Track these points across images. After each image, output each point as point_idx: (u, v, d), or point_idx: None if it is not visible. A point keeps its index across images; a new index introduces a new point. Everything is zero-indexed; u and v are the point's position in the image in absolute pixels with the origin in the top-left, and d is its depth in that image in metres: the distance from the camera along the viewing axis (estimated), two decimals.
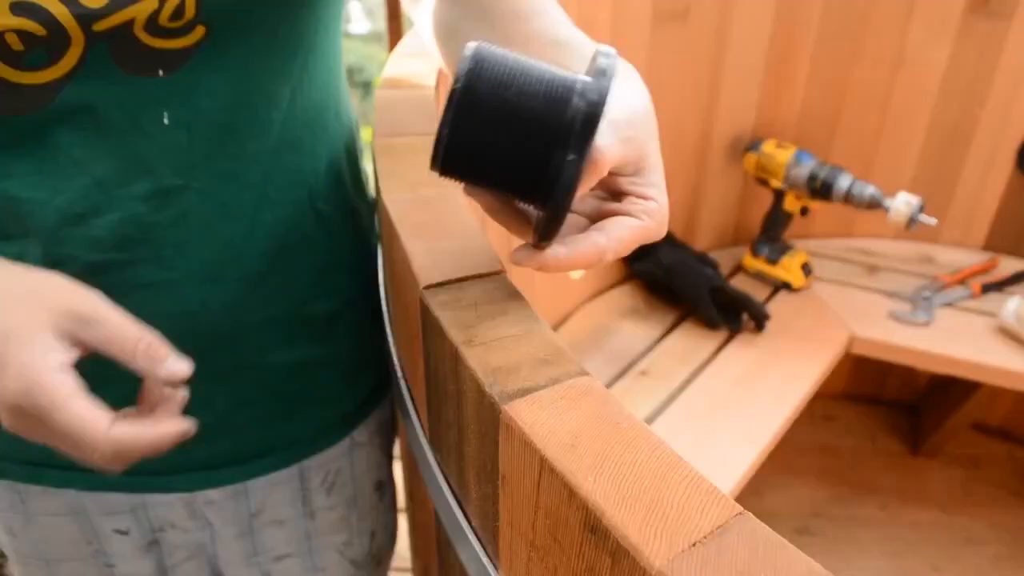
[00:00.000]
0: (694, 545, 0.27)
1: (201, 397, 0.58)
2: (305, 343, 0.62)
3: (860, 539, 1.53)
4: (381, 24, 2.10)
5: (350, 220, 0.64)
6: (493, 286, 0.44)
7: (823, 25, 1.37)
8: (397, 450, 0.87)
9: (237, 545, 0.67)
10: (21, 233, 0.50)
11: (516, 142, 0.37)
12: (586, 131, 0.36)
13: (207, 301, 0.55)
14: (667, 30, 1.28)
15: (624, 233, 0.42)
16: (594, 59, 0.39)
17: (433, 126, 0.59)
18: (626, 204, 0.43)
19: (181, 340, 0.56)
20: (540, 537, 0.34)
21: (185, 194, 0.52)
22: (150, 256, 0.52)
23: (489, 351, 0.38)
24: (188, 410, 0.59)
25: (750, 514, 0.29)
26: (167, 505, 0.64)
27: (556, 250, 0.40)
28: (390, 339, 0.64)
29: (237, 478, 0.64)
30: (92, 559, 0.66)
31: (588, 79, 0.38)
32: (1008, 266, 1.46)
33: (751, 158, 1.39)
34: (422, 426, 0.55)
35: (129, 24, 0.45)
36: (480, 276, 0.45)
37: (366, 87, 2.86)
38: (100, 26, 0.44)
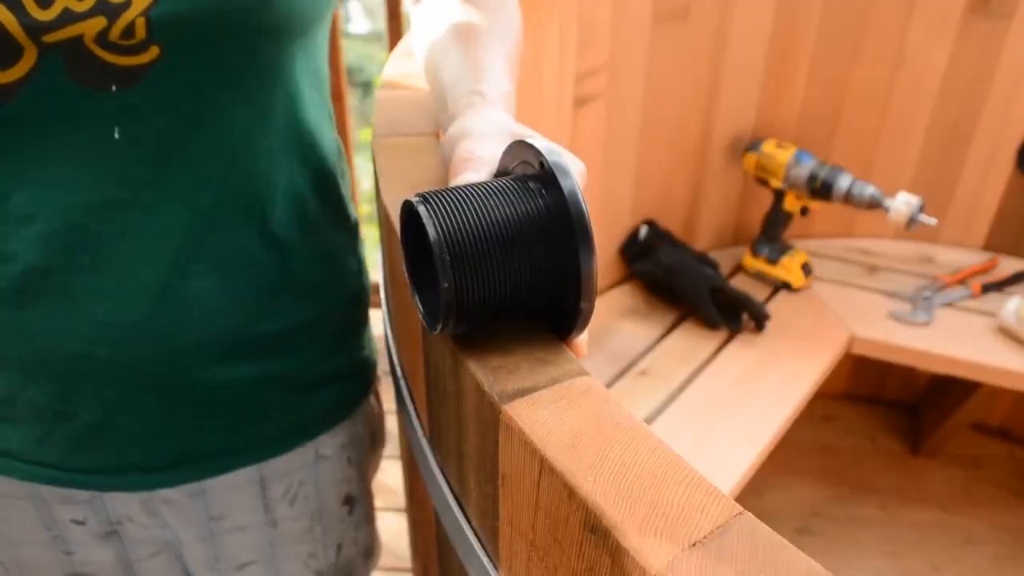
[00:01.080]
0: (694, 545, 0.27)
1: (132, 406, 0.59)
2: (247, 362, 0.61)
3: (860, 539, 1.53)
4: (381, 24, 2.10)
5: (314, 246, 0.62)
6: None
7: (823, 25, 1.37)
8: (397, 450, 0.86)
9: (200, 549, 0.67)
10: None
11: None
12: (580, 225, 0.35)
13: (147, 315, 0.55)
14: (667, 30, 1.28)
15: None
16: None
17: (433, 125, 0.59)
18: None
19: (116, 348, 0.56)
20: (540, 537, 0.34)
21: (131, 210, 0.52)
22: (92, 265, 0.53)
23: (489, 351, 0.38)
24: (118, 417, 0.59)
25: (750, 514, 0.29)
26: (123, 500, 0.64)
27: None
28: (390, 339, 0.64)
29: (190, 477, 0.64)
30: (51, 545, 0.66)
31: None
32: (1008, 266, 1.46)
33: (751, 158, 1.40)
34: (422, 426, 0.55)
35: (79, 38, 0.45)
36: None
37: (366, 87, 2.85)
38: (50, 38, 0.45)
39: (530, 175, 0.37)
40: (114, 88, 0.48)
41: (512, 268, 0.35)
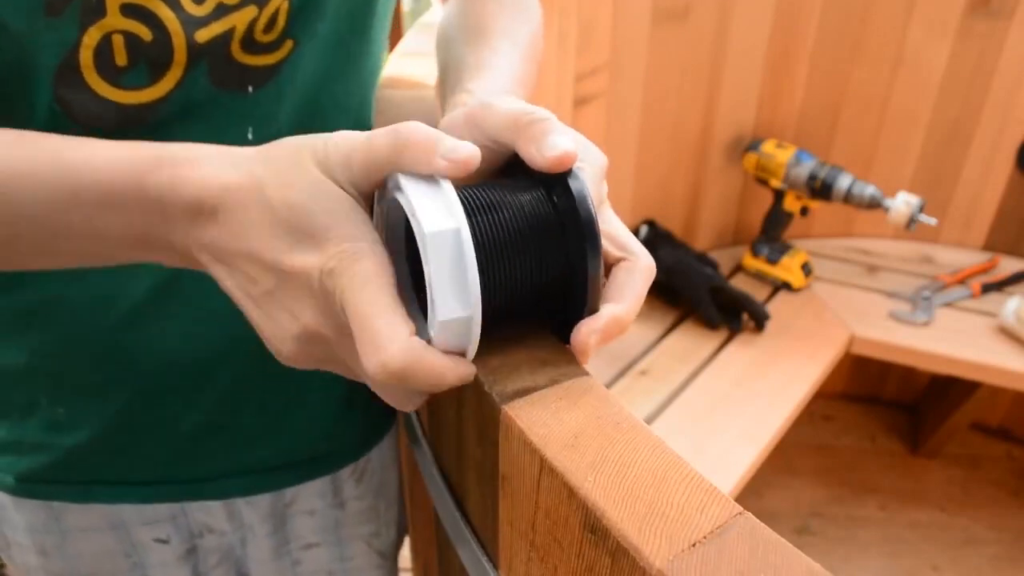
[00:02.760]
0: (694, 545, 0.27)
1: (256, 400, 0.59)
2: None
3: (860, 539, 1.53)
4: None
5: None
6: None
7: (823, 25, 1.37)
8: None
9: (268, 542, 0.68)
10: None
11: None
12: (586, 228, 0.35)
13: None
14: (667, 30, 1.28)
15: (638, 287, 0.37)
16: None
17: (433, 126, 0.59)
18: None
19: (242, 357, 0.57)
20: (540, 537, 0.34)
21: None
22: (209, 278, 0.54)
23: (489, 351, 0.38)
24: (243, 414, 0.60)
25: (750, 514, 0.29)
26: (206, 510, 0.64)
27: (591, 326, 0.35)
28: None
29: (279, 485, 0.65)
30: (129, 573, 0.66)
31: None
32: (1008, 266, 1.46)
33: (751, 158, 1.40)
34: (422, 426, 0.55)
35: (228, 35, 0.46)
36: None
37: None
38: (202, 36, 0.45)
39: (538, 177, 0.37)
40: (250, 89, 0.49)
41: (521, 271, 0.35)
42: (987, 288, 1.39)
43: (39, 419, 0.59)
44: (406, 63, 0.75)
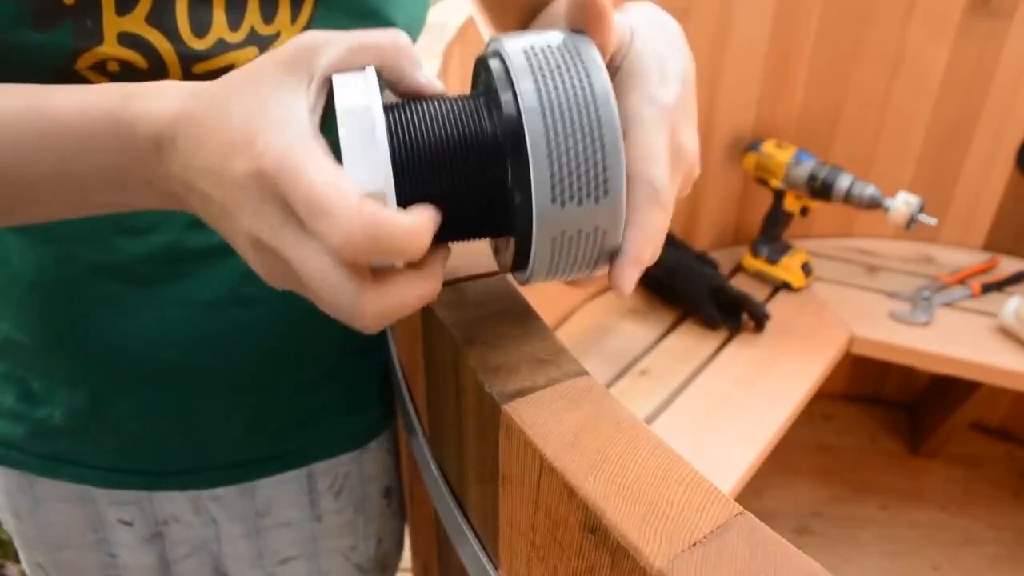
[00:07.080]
0: (694, 545, 0.27)
1: (225, 409, 0.60)
2: (328, 361, 0.63)
3: (860, 539, 1.53)
4: None
5: None
6: (494, 286, 0.44)
7: (823, 25, 1.37)
8: None
9: (243, 545, 0.68)
10: (74, 236, 0.52)
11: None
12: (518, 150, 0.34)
13: (236, 322, 0.56)
14: None
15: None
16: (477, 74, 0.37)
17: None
18: None
19: (211, 355, 0.57)
20: (540, 537, 0.34)
21: None
22: (189, 275, 0.54)
23: (489, 351, 0.38)
24: (212, 422, 0.60)
25: (750, 514, 0.29)
26: (171, 499, 0.65)
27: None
28: (390, 338, 0.65)
29: (245, 478, 0.65)
30: (95, 547, 0.67)
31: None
32: (1008, 266, 1.46)
33: (751, 158, 1.40)
34: (422, 426, 0.55)
35: (226, 71, 0.46)
36: (481, 276, 0.45)
37: None
38: (200, 68, 0.45)
39: (485, 91, 0.36)
40: None
41: (446, 175, 0.34)
42: (987, 288, 1.40)
43: (16, 388, 0.60)
44: None
